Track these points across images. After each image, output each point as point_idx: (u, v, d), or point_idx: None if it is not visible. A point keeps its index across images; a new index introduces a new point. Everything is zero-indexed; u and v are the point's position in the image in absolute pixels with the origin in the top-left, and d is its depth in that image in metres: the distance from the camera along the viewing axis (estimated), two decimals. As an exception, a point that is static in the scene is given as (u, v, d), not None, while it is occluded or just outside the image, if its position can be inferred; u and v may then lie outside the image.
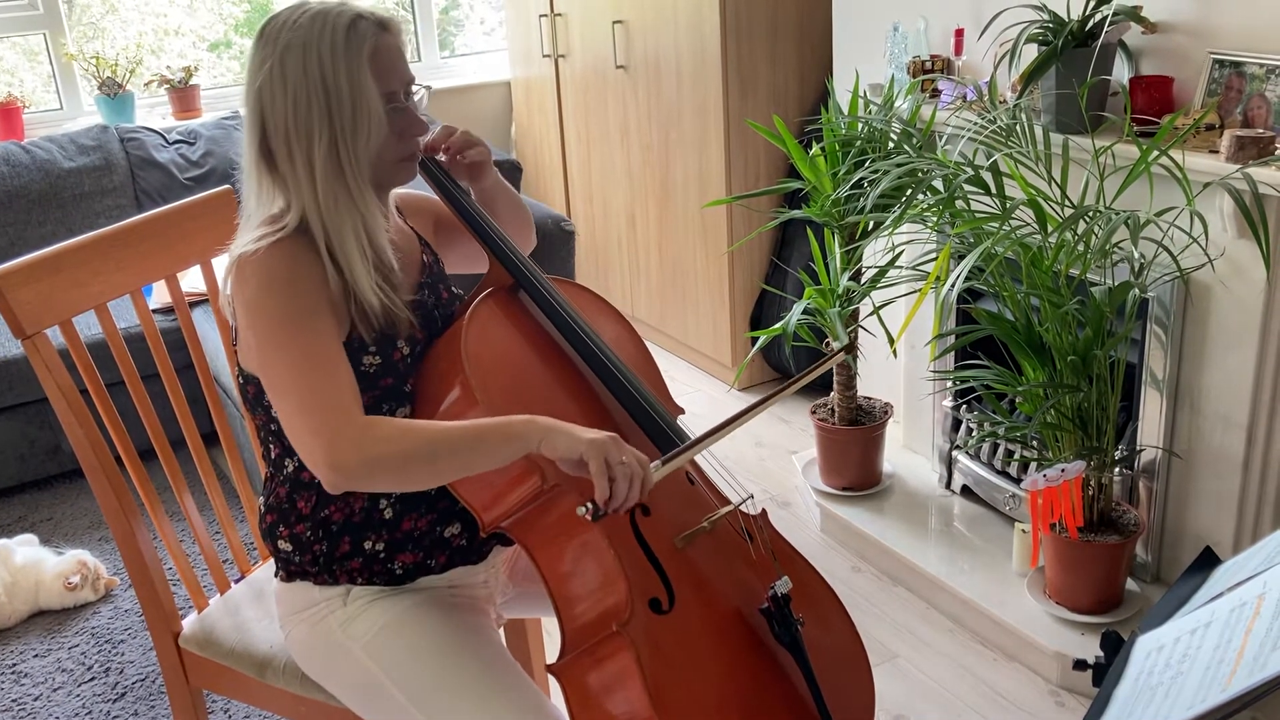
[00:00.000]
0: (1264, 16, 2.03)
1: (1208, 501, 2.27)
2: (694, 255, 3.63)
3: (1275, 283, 2.04)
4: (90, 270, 1.67)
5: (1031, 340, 2.17)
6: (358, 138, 1.42)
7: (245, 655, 1.70)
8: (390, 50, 1.46)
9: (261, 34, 1.44)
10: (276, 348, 1.36)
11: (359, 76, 1.41)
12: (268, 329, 1.37)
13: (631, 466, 1.33)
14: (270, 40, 1.42)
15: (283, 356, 1.35)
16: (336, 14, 1.42)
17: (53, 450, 3.17)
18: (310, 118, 1.40)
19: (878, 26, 2.85)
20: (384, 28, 1.46)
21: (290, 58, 1.40)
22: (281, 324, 1.37)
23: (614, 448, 1.33)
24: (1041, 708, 2.20)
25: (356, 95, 1.41)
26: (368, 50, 1.42)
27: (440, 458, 1.33)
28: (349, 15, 1.43)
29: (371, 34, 1.43)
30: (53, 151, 3.65)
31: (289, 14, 1.43)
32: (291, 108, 1.40)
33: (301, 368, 1.34)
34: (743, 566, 1.57)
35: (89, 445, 1.64)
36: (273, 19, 1.44)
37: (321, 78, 1.40)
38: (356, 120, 1.42)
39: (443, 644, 1.50)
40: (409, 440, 1.32)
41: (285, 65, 1.40)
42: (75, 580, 2.64)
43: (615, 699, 1.41)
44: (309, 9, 1.43)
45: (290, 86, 1.40)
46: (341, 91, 1.40)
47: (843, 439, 2.79)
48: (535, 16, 4.19)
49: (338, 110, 1.41)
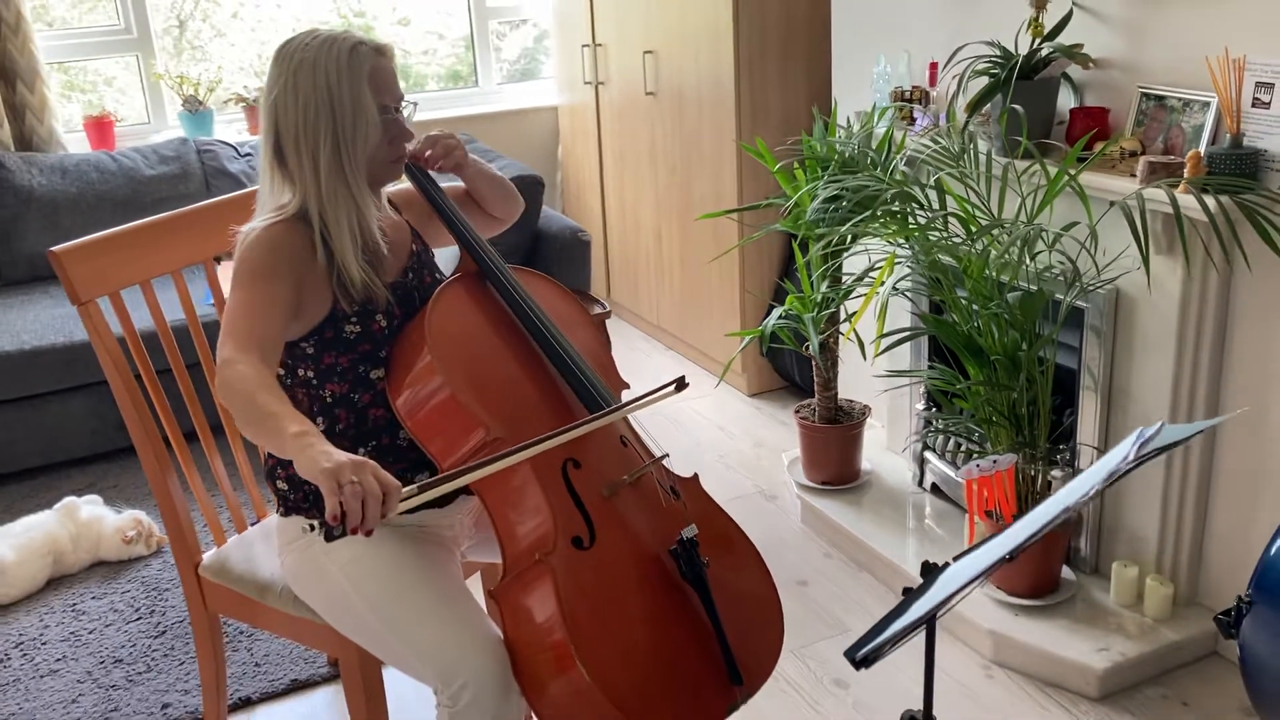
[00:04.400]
0: (1183, 56, 2.24)
1: (1136, 497, 2.46)
2: (710, 270, 3.90)
3: (1190, 294, 2.24)
4: (137, 252, 2.00)
5: (971, 343, 2.39)
6: (356, 142, 1.73)
7: (250, 581, 2.00)
8: (385, 71, 1.77)
9: (279, 53, 1.75)
10: (231, 293, 1.67)
11: (359, 91, 1.72)
12: (238, 274, 1.68)
13: (368, 487, 1.37)
14: (286, 59, 1.73)
15: (232, 299, 1.66)
16: (342, 39, 1.73)
17: (121, 426, 3.54)
18: (318, 124, 1.71)
19: (870, 59, 3.10)
20: (380, 52, 1.77)
21: (302, 74, 1.71)
22: (243, 280, 1.67)
23: (348, 472, 1.37)
24: (972, 679, 2.40)
25: (357, 106, 1.72)
26: (367, 70, 1.73)
27: (249, 417, 1.52)
28: (352, 40, 1.74)
29: (370, 57, 1.74)
30: (137, 161, 4.06)
31: (302, 38, 1.74)
32: (302, 115, 1.71)
33: (237, 308, 1.64)
34: (660, 516, 1.83)
35: (128, 397, 1.96)
36: (288, 41, 1.75)
37: (328, 91, 1.71)
38: (356, 127, 1.72)
39: (406, 569, 1.78)
40: (245, 388, 1.53)
41: (298, 80, 1.71)
42: (131, 535, 2.99)
43: (536, 617, 1.67)
44: (319, 35, 1.74)
45: (302, 97, 1.71)
46: (344, 103, 1.71)
47: (823, 436, 3.02)
48: (579, 46, 4.52)
49: (341, 118, 1.71)
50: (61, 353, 3.39)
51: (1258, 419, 2.25)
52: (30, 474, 3.51)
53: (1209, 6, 2.18)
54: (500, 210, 2.05)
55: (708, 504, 1.95)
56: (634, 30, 4.09)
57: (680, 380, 1.82)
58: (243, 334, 1.62)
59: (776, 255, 3.75)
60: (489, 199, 2.03)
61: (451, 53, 5.13)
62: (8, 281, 3.94)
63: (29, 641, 2.68)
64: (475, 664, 1.68)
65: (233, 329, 1.63)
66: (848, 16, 3.23)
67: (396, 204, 1.98)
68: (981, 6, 2.68)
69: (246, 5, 4.72)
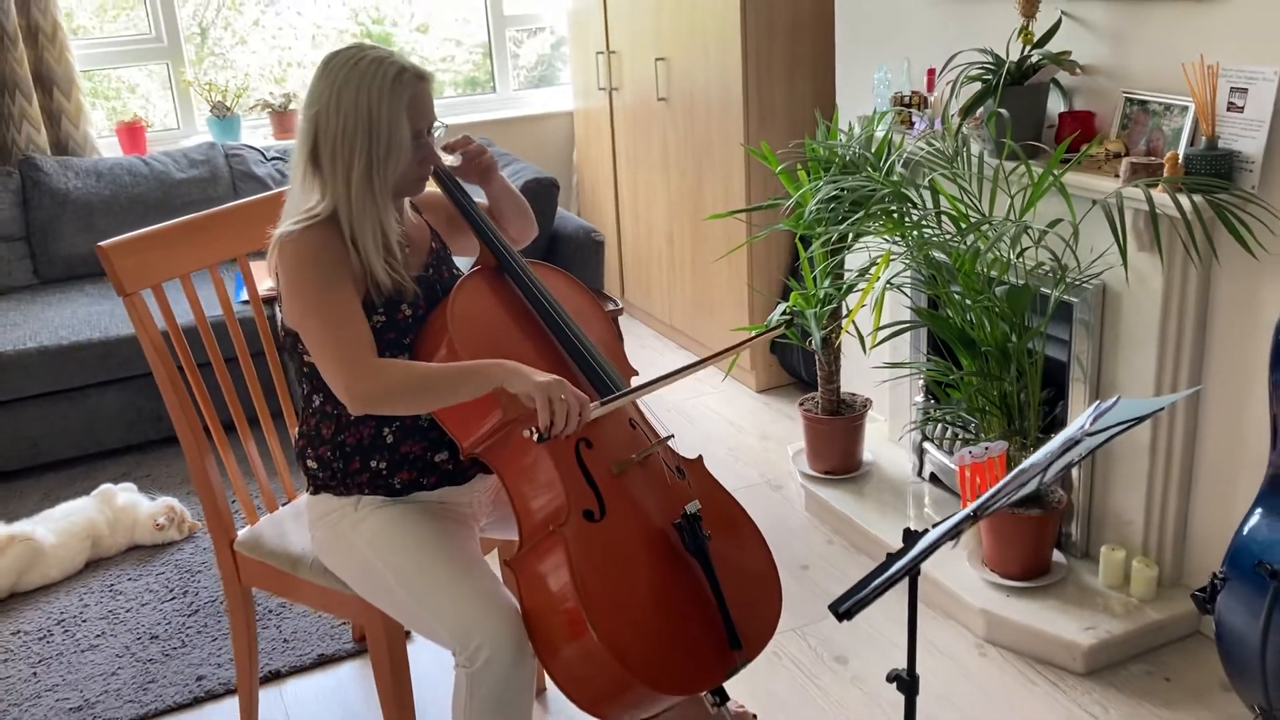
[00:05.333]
0: (1164, 62, 2.36)
1: (1123, 483, 2.58)
2: (719, 270, 4.02)
3: (1171, 289, 2.36)
4: (177, 248, 2.15)
5: (964, 336, 2.51)
6: (388, 162, 1.85)
7: (283, 555, 2.14)
8: (424, 98, 1.89)
9: (326, 66, 1.86)
10: (311, 310, 1.80)
11: (398, 117, 1.84)
12: (303, 296, 1.81)
13: (570, 403, 1.73)
14: (333, 73, 1.84)
15: (316, 316, 1.79)
16: (389, 63, 1.83)
17: (155, 418, 3.69)
18: (355, 141, 1.83)
19: (872, 66, 3.23)
20: (421, 79, 1.88)
21: (347, 91, 1.83)
22: (314, 292, 1.80)
23: (557, 388, 1.74)
24: (966, 657, 2.52)
25: (393, 131, 1.83)
26: (407, 97, 1.85)
27: (428, 389, 1.77)
28: (398, 66, 1.85)
29: (412, 84, 1.85)
30: (168, 164, 4.22)
31: (351, 54, 1.84)
32: (341, 130, 1.83)
33: (329, 323, 1.78)
34: (666, 492, 1.96)
35: (168, 380, 2.10)
36: (336, 55, 1.86)
37: (369, 113, 1.82)
38: (390, 150, 1.84)
39: (427, 541, 1.91)
40: (410, 375, 1.77)
41: (342, 97, 1.83)
42: (163, 521, 3.14)
43: (551, 585, 1.81)
44: (367, 54, 1.85)
45: (343, 114, 1.83)
46: (382, 126, 1.83)
47: (825, 427, 3.14)
48: (594, 54, 4.66)
49: (377, 140, 1.83)
50: (97, 347, 3.55)
51: (1236, 408, 2.36)
52: (68, 464, 3.66)
53: (1187, 16, 2.30)
54: (515, 230, 2.16)
55: (711, 483, 2.08)
56: (646, 38, 4.23)
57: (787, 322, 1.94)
58: (350, 347, 1.77)
59: (784, 255, 3.88)
60: (507, 215, 2.15)
61: (469, 59, 5.27)
62: (45, 280, 4.10)
63: (70, 619, 2.83)
64: (491, 628, 1.81)
65: (339, 352, 1.76)
66: (850, 25, 3.36)
67: (418, 206, 2.11)
68: (976, 16, 2.80)
69: (268, 13, 4.87)
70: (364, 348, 1.79)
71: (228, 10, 4.82)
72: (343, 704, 2.49)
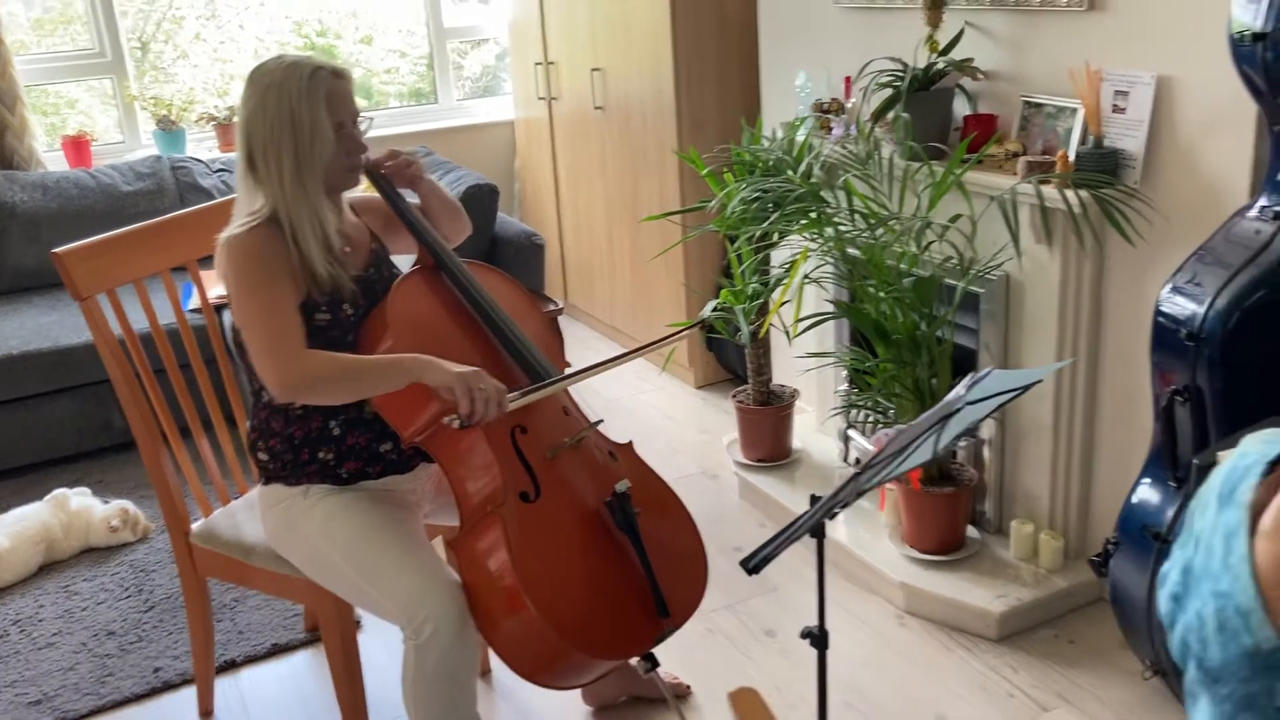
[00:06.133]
0: (1057, 67, 2.55)
1: (1030, 463, 2.76)
2: (657, 272, 4.17)
3: (1067, 278, 2.54)
4: (129, 253, 2.25)
5: (879, 326, 2.68)
6: (314, 156, 1.98)
7: (236, 544, 2.25)
8: (341, 92, 2.03)
9: (251, 77, 2.01)
10: (248, 304, 1.93)
11: (317, 112, 1.98)
12: (243, 291, 1.94)
13: (488, 392, 1.88)
14: (257, 81, 1.99)
15: (252, 309, 1.92)
16: (304, 64, 1.99)
17: (105, 425, 3.77)
18: (281, 140, 1.97)
19: (794, 74, 3.39)
20: (338, 75, 2.03)
21: (270, 95, 1.97)
22: (252, 288, 1.93)
23: (475, 378, 1.88)
24: (887, 628, 2.69)
25: (315, 125, 1.97)
26: (324, 92, 1.99)
27: (349, 379, 1.91)
28: (313, 66, 2.00)
29: (328, 80, 2.00)
30: (114, 177, 4.30)
31: (271, 63, 2.01)
32: (268, 132, 1.97)
33: (263, 315, 1.91)
34: (597, 473, 2.11)
35: (125, 384, 2.20)
36: (259, 67, 2.01)
37: (291, 111, 1.96)
38: (313, 142, 1.98)
39: (373, 524, 2.04)
40: (333, 365, 1.90)
41: (266, 101, 1.97)
42: (117, 524, 3.22)
43: (489, 563, 1.94)
44: (285, 60, 2.00)
45: (268, 117, 1.97)
46: (304, 122, 1.97)
47: (756, 418, 3.30)
48: (532, 64, 4.80)
49: (301, 135, 1.97)
50: (48, 356, 3.62)
51: (1131, 387, 2.55)
52: (21, 471, 3.73)
53: (1074, 25, 2.48)
54: (447, 229, 2.29)
55: (642, 467, 2.23)
56: (582, 49, 4.38)
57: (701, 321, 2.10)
58: (280, 338, 1.89)
59: (717, 255, 4.04)
60: (439, 217, 2.28)
61: (414, 70, 5.39)
62: (-7, 293, 4.16)
63: (26, 619, 2.91)
64: (435, 603, 1.93)
65: (270, 342, 1.89)
66: (773, 37, 3.53)
67: (356, 209, 2.24)
68: (886, 26, 2.98)
69: (209, 26, 4.96)
70: (293, 339, 1.92)
71: (168, 24, 4.89)
72: (297, 690, 2.60)
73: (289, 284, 1.96)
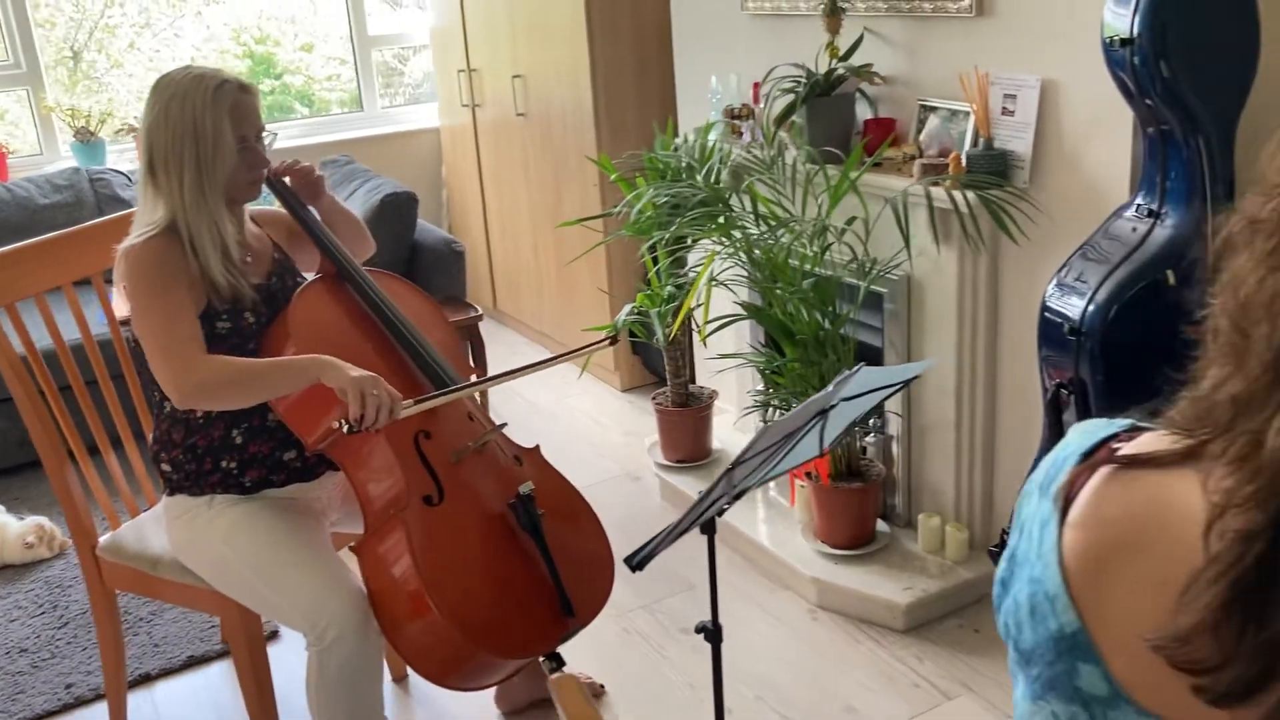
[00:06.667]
0: (950, 73, 2.62)
1: (935, 457, 2.83)
2: (580, 278, 4.21)
3: (964, 276, 2.61)
4: (29, 267, 2.24)
5: (785, 327, 2.73)
6: (215, 166, 1.99)
7: (143, 556, 2.24)
8: (245, 105, 2.04)
9: (156, 85, 2.01)
10: (145, 312, 1.93)
11: (220, 124, 1.99)
12: (140, 299, 1.94)
13: (381, 398, 1.87)
14: (161, 91, 2.00)
15: (149, 317, 1.92)
16: (210, 76, 2.00)
17: (21, 442, 3.72)
18: (183, 151, 1.98)
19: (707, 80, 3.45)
20: (244, 89, 2.04)
21: (174, 105, 1.98)
22: (148, 297, 1.94)
23: (370, 383, 1.88)
24: (799, 622, 2.74)
25: (216, 136, 1.99)
26: (228, 104, 2.00)
27: (247, 381, 1.91)
28: (219, 79, 2.01)
29: (233, 93, 2.01)
30: (31, 190, 4.25)
31: (177, 72, 2.01)
32: (170, 142, 1.98)
33: (160, 322, 1.91)
34: (502, 476, 2.13)
35: (27, 400, 2.19)
36: (165, 76, 2.02)
37: (194, 122, 1.98)
38: (215, 154, 1.99)
39: (277, 532, 2.05)
40: (231, 368, 1.90)
41: (169, 111, 1.98)
42: (32, 540, 3.19)
43: (393, 567, 1.96)
44: (191, 71, 2.01)
45: (171, 126, 1.98)
46: (206, 133, 1.98)
47: (676, 419, 3.34)
48: (455, 71, 4.81)
49: (203, 147, 1.98)
50: (-39, 373, 3.57)
51: (1028, 382, 2.62)
52: (-66, 490, 3.68)
53: (964, 30, 2.56)
54: (352, 246, 2.29)
55: (546, 468, 2.26)
56: (504, 57, 4.40)
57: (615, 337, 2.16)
58: (177, 344, 1.89)
59: (638, 260, 4.08)
60: (340, 232, 2.28)
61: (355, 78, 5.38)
62: (-95, 309, 4.09)
63: (-62, 638, 2.87)
64: (337, 608, 1.95)
65: (167, 348, 1.89)
66: (686, 43, 3.58)
67: (259, 220, 2.25)
68: (790, 32, 3.04)
69: (144, 35, 4.92)
70: (191, 344, 1.92)
71: (100, 34, 4.84)
72: (212, 701, 2.60)
73: (187, 292, 1.97)
